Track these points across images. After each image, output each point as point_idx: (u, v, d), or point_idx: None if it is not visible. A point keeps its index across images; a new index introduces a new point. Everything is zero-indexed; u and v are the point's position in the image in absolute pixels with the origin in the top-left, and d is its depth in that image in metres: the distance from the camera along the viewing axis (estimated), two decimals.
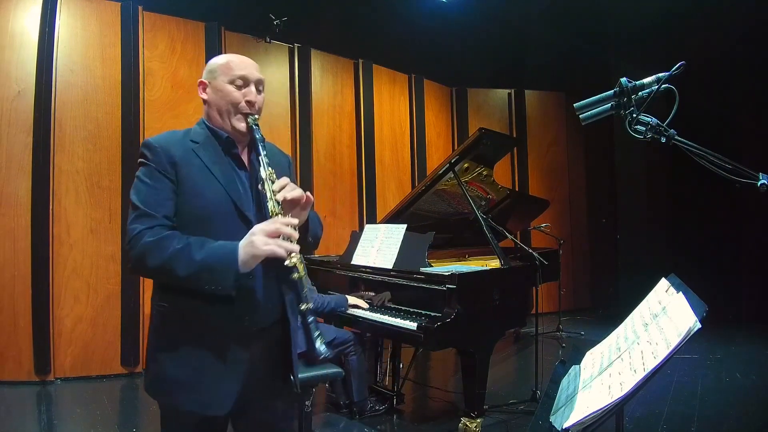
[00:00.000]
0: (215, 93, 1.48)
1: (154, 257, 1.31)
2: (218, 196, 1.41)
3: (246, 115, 1.47)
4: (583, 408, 1.13)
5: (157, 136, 1.46)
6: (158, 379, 1.43)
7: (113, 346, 4.30)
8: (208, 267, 1.30)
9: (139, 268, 1.35)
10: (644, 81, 1.29)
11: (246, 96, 1.47)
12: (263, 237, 1.32)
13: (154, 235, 1.33)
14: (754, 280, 6.04)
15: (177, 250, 1.31)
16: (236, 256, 1.32)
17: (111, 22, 4.40)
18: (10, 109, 4.04)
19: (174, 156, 1.40)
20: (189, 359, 1.38)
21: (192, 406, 1.38)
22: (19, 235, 4.02)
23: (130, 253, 1.35)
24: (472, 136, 3.39)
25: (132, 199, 1.39)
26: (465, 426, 2.79)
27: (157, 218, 1.35)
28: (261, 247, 1.31)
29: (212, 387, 1.38)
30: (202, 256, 1.31)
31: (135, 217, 1.36)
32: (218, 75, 1.48)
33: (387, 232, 3.28)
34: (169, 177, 1.39)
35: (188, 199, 1.39)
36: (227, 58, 1.52)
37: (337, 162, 5.69)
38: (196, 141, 1.46)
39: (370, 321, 2.99)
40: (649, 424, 3.16)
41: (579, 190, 7.41)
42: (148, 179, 1.39)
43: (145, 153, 1.42)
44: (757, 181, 1.16)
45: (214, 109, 1.49)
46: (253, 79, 1.49)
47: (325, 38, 5.65)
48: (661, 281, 1.36)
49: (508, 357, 5.11)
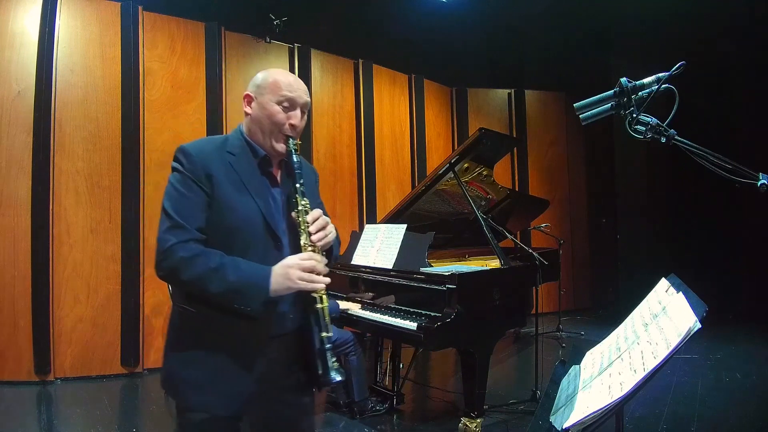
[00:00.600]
0: (260, 110, 1.48)
1: (188, 272, 1.35)
2: (251, 212, 1.43)
3: (287, 138, 1.48)
4: (583, 408, 1.13)
5: (194, 143, 1.46)
6: (172, 377, 1.46)
7: (113, 346, 4.30)
8: (239, 290, 1.35)
9: (172, 278, 1.39)
10: (644, 81, 1.29)
11: (290, 119, 1.47)
12: (299, 272, 1.38)
13: (188, 251, 1.35)
14: (754, 280, 6.04)
15: (211, 270, 1.34)
16: (268, 283, 1.37)
17: (111, 22, 4.40)
18: (10, 109, 4.04)
19: (210, 168, 1.40)
20: (205, 361, 1.41)
21: (201, 407, 1.41)
22: (19, 235, 4.02)
23: (161, 263, 1.37)
24: (472, 136, 3.39)
25: (165, 206, 1.39)
26: (465, 426, 2.79)
27: (189, 231, 1.37)
28: (296, 281, 1.38)
29: (224, 389, 1.40)
30: (235, 278, 1.35)
31: (168, 228, 1.37)
32: (266, 93, 1.47)
33: (387, 232, 3.28)
34: (204, 188, 1.39)
35: (221, 212, 1.40)
36: (276, 77, 1.49)
37: (337, 162, 5.69)
38: (232, 153, 1.46)
39: (370, 321, 2.99)
40: (649, 424, 3.16)
41: (579, 190, 7.40)
42: (182, 187, 1.39)
43: (181, 159, 1.41)
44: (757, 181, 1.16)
45: (257, 126, 1.49)
46: (300, 102, 1.49)
47: (325, 38, 5.65)
48: (661, 281, 1.36)
49: (508, 357, 5.11)
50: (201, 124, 4.76)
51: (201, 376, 1.41)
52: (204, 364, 1.41)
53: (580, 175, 7.43)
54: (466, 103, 6.94)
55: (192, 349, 1.43)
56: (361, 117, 5.82)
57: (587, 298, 7.31)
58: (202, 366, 1.41)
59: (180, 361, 1.44)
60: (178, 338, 1.47)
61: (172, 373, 1.46)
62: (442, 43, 6.34)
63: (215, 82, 4.82)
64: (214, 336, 1.41)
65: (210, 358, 1.41)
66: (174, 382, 1.46)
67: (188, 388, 1.42)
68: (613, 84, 1.30)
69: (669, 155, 6.25)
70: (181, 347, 1.45)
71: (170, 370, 1.47)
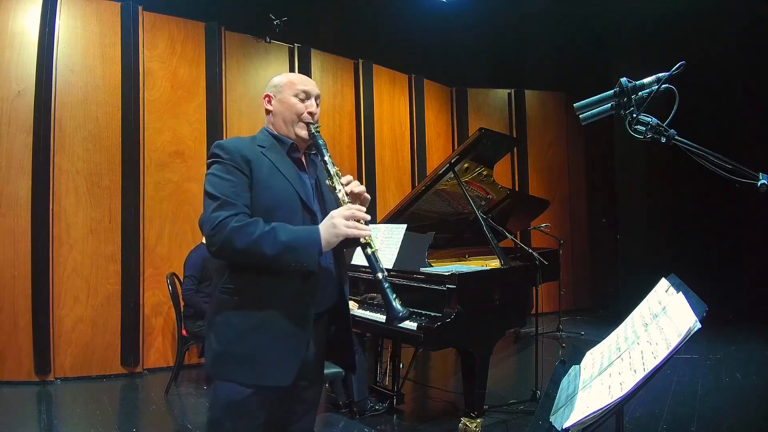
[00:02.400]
0: (281, 105, 1.67)
1: (241, 239, 1.43)
2: (286, 191, 1.57)
3: (308, 123, 1.65)
4: (583, 408, 1.13)
5: (227, 140, 1.63)
6: (223, 357, 1.51)
7: (113, 346, 4.30)
8: (293, 247, 1.45)
9: (226, 249, 1.45)
10: (644, 81, 1.29)
11: (308, 108, 1.66)
12: (343, 220, 1.49)
13: (239, 221, 1.45)
14: (754, 280, 6.04)
15: (264, 233, 1.44)
16: (319, 237, 1.48)
17: (111, 22, 4.40)
18: (10, 109, 4.04)
19: (247, 155, 1.54)
20: (255, 335, 1.49)
21: (256, 380, 1.48)
22: (19, 235, 4.02)
23: (214, 237, 1.44)
24: (472, 136, 3.39)
25: (209, 191, 1.50)
26: (465, 426, 2.79)
27: (238, 206, 1.47)
28: (343, 228, 1.48)
29: (277, 360, 1.49)
30: (287, 237, 1.45)
31: (217, 206, 1.46)
32: (283, 90, 1.67)
33: (387, 232, 3.28)
34: (245, 172, 1.52)
35: (259, 192, 1.53)
36: (289, 77, 1.70)
37: (337, 162, 5.51)
38: (262, 146, 1.62)
39: (370, 321, 2.99)
40: (649, 424, 3.16)
41: (579, 190, 7.41)
42: (225, 174, 1.51)
43: (219, 153, 1.55)
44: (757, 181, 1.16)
45: (279, 119, 1.67)
46: (314, 93, 1.69)
47: (325, 38, 5.65)
48: (661, 281, 1.36)
49: (508, 357, 5.11)
50: (201, 124, 4.76)
51: (255, 347, 1.48)
52: (257, 336, 1.48)
53: (580, 175, 7.43)
54: (466, 103, 6.94)
55: (242, 325, 1.49)
56: (361, 117, 5.82)
57: (587, 298, 7.31)
58: (256, 339, 1.48)
59: (230, 340, 1.50)
60: (226, 319, 1.52)
61: (223, 352, 1.51)
62: (442, 43, 6.34)
63: (215, 82, 4.82)
64: (265, 309, 1.50)
65: (262, 331, 1.48)
66: (225, 362, 1.50)
67: (241, 363, 1.48)
68: (613, 84, 1.30)
69: (669, 155, 6.24)
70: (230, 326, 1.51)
71: (219, 351, 1.51)
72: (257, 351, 1.48)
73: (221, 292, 1.55)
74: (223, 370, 1.51)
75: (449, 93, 6.94)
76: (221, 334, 1.52)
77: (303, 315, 1.53)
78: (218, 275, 1.59)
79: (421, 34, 6.06)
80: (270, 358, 1.48)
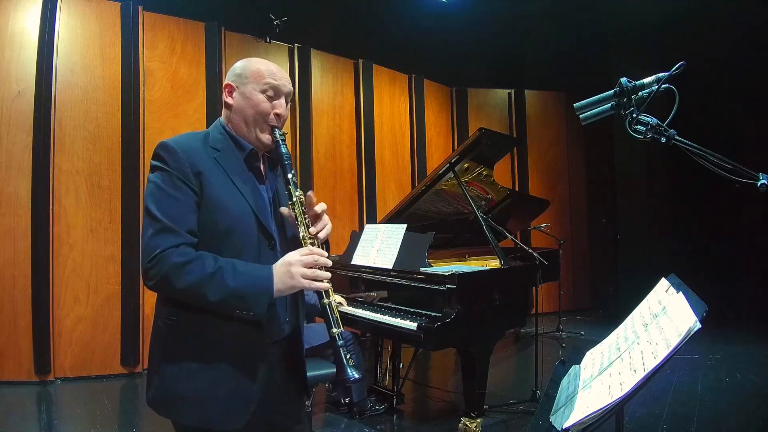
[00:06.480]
0: (243, 100, 1.40)
1: (182, 280, 1.23)
2: (241, 210, 1.34)
3: (273, 128, 1.40)
4: (583, 408, 1.13)
5: (176, 139, 1.35)
6: (166, 395, 1.33)
7: (113, 346, 4.30)
8: (241, 295, 1.26)
9: (163, 287, 1.27)
10: (644, 81, 1.29)
11: (275, 108, 1.40)
12: (301, 269, 1.30)
13: (181, 255, 1.24)
14: (754, 280, 6.04)
15: (209, 275, 1.24)
16: (271, 285, 1.28)
17: (111, 22, 4.39)
18: (10, 109, 4.04)
19: (198, 165, 1.31)
20: (204, 373, 1.31)
21: (204, 423, 1.31)
22: (19, 235, 4.02)
23: (150, 272, 1.25)
24: (472, 136, 3.39)
25: (150, 209, 1.27)
26: (465, 426, 2.79)
27: (181, 235, 1.26)
28: (300, 279, 1.29)
29: (226, 401, 1.31)
30: (235, 283, 1.25)
31: (156, 231, 1.25)
32: (248, 81, 1.40)
33: (387, 232, 3.28)
34: (192, 188, 1.29)
35: (211, 212, 1.31)
36: (259, 65, 1.43)
37: (337, 162, 5.69)
38: (216, 148, 1.37)
39: (370, 321, 2.99)
40: (649, 424, 3.16)
41: (579, 190, 7.40)
42: (169, 188, 1.28)
43: (164, 157, 1.30)
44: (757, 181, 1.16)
45: (240, 117, 1.40)
46: (284, 91, 1.43)
47: (325, 38, 5.65)
48: (661, 281, 1.36)
49: (508, 357, 5.11)
50: (201, 124, 4.75)
51: (201, 388, 1.30)
52: (203, 375, 1.30)
53: (580, 175, 7.43)
54: (466, 103, 6.94)
55: (187, 362, 1.31)
56: (361, 117, 5.82)
57: (587, 298, 7.30)
58: (202, 378, 1.30)
59: (174, 377, 1.31)
60: (169, 353, 1.33)
61: (166, 390, 1.32)
62: (442, 43, 6.34)
63: (215, 82, 4.81)
64: (213, 345, 1.31)
65: (210, 370, 1.30)
66: (169, 400, 1.33)
67: (187, 404, 1.30)
68: (613, 84, 1.30)
69: (669, 155, 6.25)
70: (174, 361, 1.32)
71: (162, 388, 1.33)
72: (203, 393, 1.30)
73: (163, 323, 1.34)
74: (170, 409, 1.33)
75: (449, 93, 6.93)
76: (166, 368, 1.32)
77: (254, 353, 1.34)
78: (160, 302, 1.38)
79: (421, 34, 6.05)
80: (218, 399, 1.30)
